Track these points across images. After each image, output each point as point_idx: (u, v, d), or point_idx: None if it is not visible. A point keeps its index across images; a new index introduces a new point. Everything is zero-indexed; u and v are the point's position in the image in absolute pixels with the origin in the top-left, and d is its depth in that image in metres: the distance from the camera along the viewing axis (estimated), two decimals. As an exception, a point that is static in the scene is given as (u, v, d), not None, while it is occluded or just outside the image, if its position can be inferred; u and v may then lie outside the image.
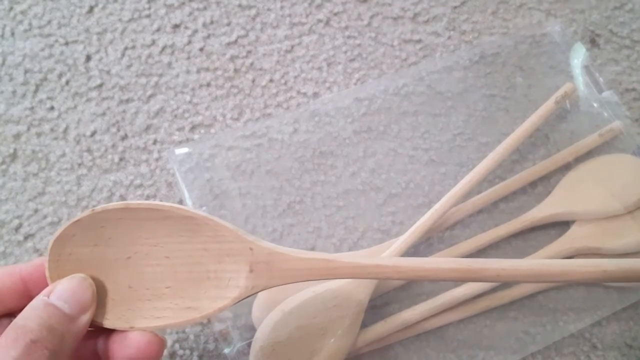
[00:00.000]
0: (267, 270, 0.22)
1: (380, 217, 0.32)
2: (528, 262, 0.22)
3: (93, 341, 0.22)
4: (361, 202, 0.32)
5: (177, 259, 0.22)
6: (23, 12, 0.36)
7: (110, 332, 0.22)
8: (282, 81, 0.36)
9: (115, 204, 0.22)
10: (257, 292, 0.22)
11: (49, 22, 0.36)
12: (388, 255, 0.29)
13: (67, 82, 0.35)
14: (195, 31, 0.36)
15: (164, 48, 0.36)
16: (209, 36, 0.36)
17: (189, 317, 0.22)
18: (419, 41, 0.37)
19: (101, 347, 0.22)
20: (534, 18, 0.38)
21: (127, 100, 0.35)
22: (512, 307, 0.31)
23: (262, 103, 0.35)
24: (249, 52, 0.36)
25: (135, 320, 0.22)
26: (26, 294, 0.21)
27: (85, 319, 0.20)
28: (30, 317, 0.19)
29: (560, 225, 0.32)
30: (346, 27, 0.37)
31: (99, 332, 0.22)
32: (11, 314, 0.21)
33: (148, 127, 0.34)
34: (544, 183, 0.34)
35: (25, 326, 0.19)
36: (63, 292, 0.20)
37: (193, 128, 0.34)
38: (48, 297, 0.20)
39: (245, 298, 0.22)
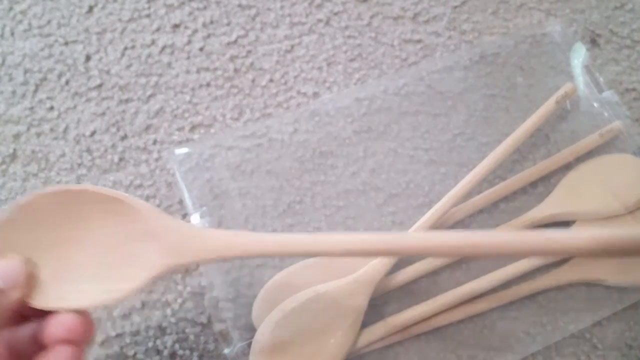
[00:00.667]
0: (179, 247, 0.23)
1: (380, 217, 0.32)
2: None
3: (29, 327, 0.23)
4: (361, 202, 0.32)
5: (104, 244, 0.23)
6: (23, 12, 0.36)
7: (44, 316, 0.23)
8: (282, 81, 0.36)
9: (46, 188, 0.23)
10: (172, 271, 0.23)
11: (49, 22, 0.36)
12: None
13: (67, 82, 0.35)
14: (195, 31, 0.36)
15: (163, 48, 0.36)
16: (208, 36, 0.36)
17: (109, 297, 0.23)
18: (419, 41, 0.37)
19: (37, 332, 0.23)
20: (534, 18, 0.38)
21: (127, 100, 0.34)
22: (512, 307, 0.31)
23: (262, 103, 0.35)
24: (249, 52, 0.36)
25: (61, 302, 0.23)
26: None
27: (15, 294, 0.22)
28: None
29: (561, 225, 0.32)
30: (346, 27, 0.37)
31: (34, 317, 0.23)
32: None
33: (148, 127, 0.34)
34: (545, 183, 0.34)
35: None
36: None
37: (193, 128, 0.34)
38: None
39: (161, 277, 0.23)
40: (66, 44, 0.35)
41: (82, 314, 0.23)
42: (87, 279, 0.23)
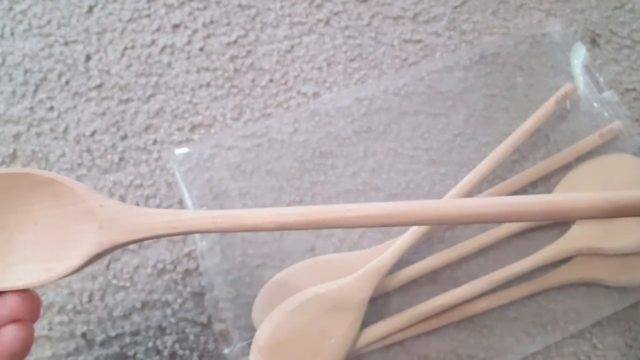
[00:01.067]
0: (115, 225, 0.23)
1: (380, 217, 0.32)
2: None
3: None
4: (361, 202, 0.32)
5: (44, 225, 0.24)
6: (23, 12, 0.36)
7: None
8: (282, 81, 0.36)
9: None
10: (109, 250, 0.23)
11: (49, 22, 0.36)
12: (388, 255, 0.29)
13: (67, 82, 0.35)
14: (195, 31, 0.36)
15: (163, 48, 0.36)
16: (208, 36, 0.36)
17: (49, 276, 0.23)
18: (419, 41, 0.37)
19: None
20: (534, 18, 0.38)
21: (127, 100, 0.34)
22: (512, 307, 0.31)
23: (262, 103, 0.35)
24: (249, 52, 0.36)
25: (3, 283, 0.23)
26: None
27: None
28: None
29: (560, 226, 0.32)
30: (346, 27, 0.37)
31: None
32: None
33: (148, 127, 0.34)
34: (545, 183, 0.34)
35: None
36: None
37: (193, 128, 0.34)
38: None
39: (98, 255, 0.23)
40: (66, 44, 0.35)
41: (27, 293, 0.23)
42: (29, 259, 0.23)
